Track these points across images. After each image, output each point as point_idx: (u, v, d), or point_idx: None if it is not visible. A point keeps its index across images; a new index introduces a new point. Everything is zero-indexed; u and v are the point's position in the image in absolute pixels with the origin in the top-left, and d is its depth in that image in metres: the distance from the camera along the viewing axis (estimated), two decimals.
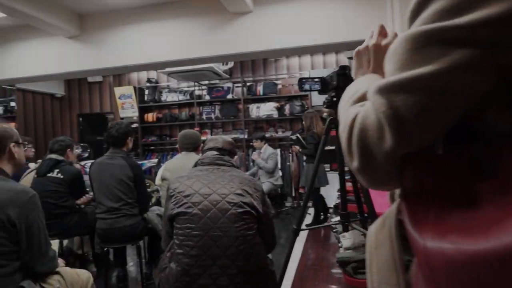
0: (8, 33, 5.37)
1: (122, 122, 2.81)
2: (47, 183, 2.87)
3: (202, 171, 1.71)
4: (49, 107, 7.64)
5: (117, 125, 2.76)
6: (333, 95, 1.56)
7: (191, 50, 4.68)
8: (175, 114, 7.03)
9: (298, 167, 6.33)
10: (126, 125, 2.82)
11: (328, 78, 1.61)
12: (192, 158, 2.67)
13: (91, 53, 5.00)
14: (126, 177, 2.67)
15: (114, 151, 2.77)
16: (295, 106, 6.28)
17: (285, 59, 6.79)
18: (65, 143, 3.09)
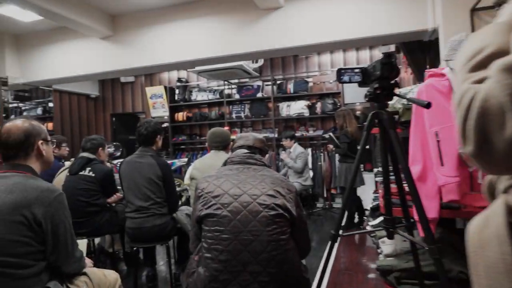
0: (44, 37, 5.54)
1: (151, 120, 2.78)
2: (79, 181, 2.89)
3: (231, 170, 1.61)
4: (84, 107, 7.87)
5: (146, 123, 2.73)
6: (376, 87, 1.41)
7: (221, 48, 4.62)
8: (205, 113, 7.03)
9: (330, 167, 6.13)
10: (155, 123, 2.78)
11: (370, 68, 1.46)
12: (222, 156, 2.58)
13: (123, 53, 5.06)
14: (155, 176, 2.63)
15: (144, 150, 2.74)
16: (327, 104, 6.09)
17: (316, 56, 6.61)
18: (97, 141, 3.11)
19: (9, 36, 5.61)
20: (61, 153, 3.99)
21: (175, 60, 4.84)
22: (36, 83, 5.80)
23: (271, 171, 1.63)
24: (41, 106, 7.34)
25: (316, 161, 6.19)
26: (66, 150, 4.06)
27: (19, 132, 1.50)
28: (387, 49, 6.06)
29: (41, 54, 5.58)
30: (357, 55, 6.36)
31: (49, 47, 5.52)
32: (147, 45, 4.93)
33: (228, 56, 4.67)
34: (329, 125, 6.55)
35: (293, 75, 6.73)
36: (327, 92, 6.22)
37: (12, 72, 5.65)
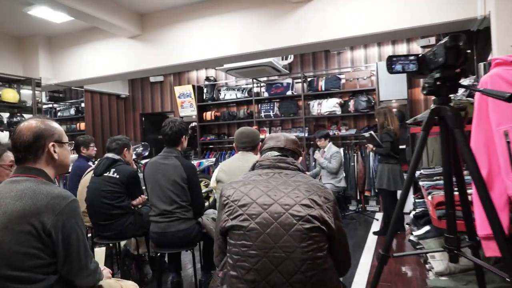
0: (75, 38, 5.59)
1: (176, 119, 2.64)
2: (103, 182, 2.80)
3: (260, 175, 1.42)
4: (115, 107, 7.96)
5: (171, 122, 2.59)
6: (438, 77, 1.15)
7: (250, 44, 4.45)
8: (233, 112, 6.89)
9: (364, 168, 5.81)
10: (180, 122, 2.64)
11: (429, 55, 1.21)
12: (250, 159, 2.40)
13: (151, 52, 5.00)
14: (180, 178, 2.49)
15: (168, 151, 2.61)
16: (361, 102, 5.77)
17: (349, 52, 6.29)
18: (122, 142, 3.02)
19: (42, 37, 5.72)
20: (89, 153, 3.96)
21: (203, 58, 4.72)
22: (68, 83, 5.88)
23: (306, 177, 1.43)
24: (74, 106, 7.48)
25: (349, 161, 5.89)
26: (94, 150, 4.03)
27: (29, 133, 1.38)
28: (426, 42, 5.67)
29: (72, 55, 5.64)
30: (393, 49, 5.99)
31: (80, 48, 5.56)
32: (175, 43, 4.84)
33: (257, 52, 4.49)
34: (362, 124, 6.23)
35: (324, 72, 6.45)
36: (361, 89, 5.90)
37: (45, 73, 5.75)
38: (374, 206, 5.86)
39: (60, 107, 7.64)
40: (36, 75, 5.68)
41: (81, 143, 3.92)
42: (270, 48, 4.36)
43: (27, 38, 5.74)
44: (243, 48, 4.48)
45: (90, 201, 2.84)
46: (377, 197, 5.81)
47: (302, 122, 6.36)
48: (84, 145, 3.93)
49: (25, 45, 5.77)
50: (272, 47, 4.34)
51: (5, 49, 5.56)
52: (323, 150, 5.06)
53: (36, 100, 5.75)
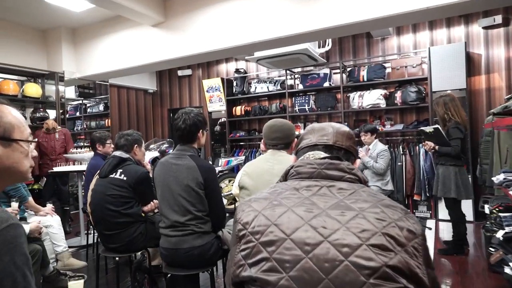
0: (96, 28, 5.30)
1: (191, 110, 2.15)
2: (109, 185, 2.38)
3: (298, 191, 0.88)
4: (142, 102, 7.69)
5: (184, 114, 2.10)
6: None
7: (282, 27, 3.91)
8: (264, 107, 6.37)
9: (413, 168, 5.10)
10: (196, 114, 2.14)
11: None
12: (283, 159, 1.87)
13: (176, 40, 4.59)
14: (195, 182, 2.00)
15: (182, 149, 2.12)
16: (409, 93, 5.05)
17: (395, 37, 5.57)
18: (132, 137, 2.58)
19: (65, 29, 5.48)
20: (105, 151, 3.59)
21: (231, 45, 4.24)
22: (91, 77, 5.61)
23: (373, 193, 0.87)
24: (103, 102, 7.28)
25: (395, 161, 5.19)
26: (111, 147, 3.66)
27: None
28: (490, 22, 4.85)
29: (95, 47, 5.36)
30: (448, 33, 5.20)
31: (102, 39, 5.26)
32: (201, 29, 4.39)
33: (290, 36, 3.95)
34: (410, 118, 5.50)
35: (366, 61, 5.77)
36: (410, 78, 5.17)
37: (68, 67, 5.51)
38: (425, 212, 5.13)
39: (90, 103, 7.48)
40: (60, 68, 5.46)
41: (97, 140, 3.56)
42: (304, 31, 3.80)
43: (50, 30, 5.52)
44: (274, 32, 3.95)
45: (93, 206, 2.43)
46: (428, 202, 5.08)
47: (341, 116, 5.73)
48: (100, 141, 3.56)
49: (49, 38, 5.56)
50: (307, 30, 3.78)
51: (29, 42, 5.37)
52: (368, 147, 4.42)
53: (60, 95, 5.53)
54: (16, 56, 5.12)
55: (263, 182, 1.81)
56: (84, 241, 4.26)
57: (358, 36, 5.78)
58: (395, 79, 5.30)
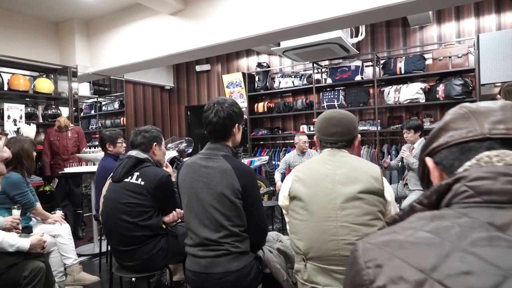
0: (111, 20, 4.94)
1: (225, 100, 1.72)
2: (123, 192, 1.98)
3: (502, 231, 0.43)
4: (158, 99, 7.34)
5: (217, 105, 1.68)
6: None
7: (311, 12, 3.46)
8: (289, 103, 5.92)
9: None
10: (231, 104, 1.71)
11: None
12: (347, 163, 1.43)
13: (196, 29, 4.18)
14: (231, 190, 1.58)
15: (213, 147, 1.70)
16: (454, 86, 4.53)
17: (435, 26, 5.05)
18: (150, 134, 2.18)
19: (79, 21, 5.14)
20: (117, 151, 3.22)
21: (257, 33, 3.81)
22: (105, 72, 5.27)
23: None
24: (118, 100, 6.96)
25: None
26: (122, 146, 3.29)
27: None
28: None
29: (109, 39, 5.01)
30: (497, 19, 4.66)
31: (117, 31, 4.91)
32: (224, 16, 3.97)
33: (320, 22, 3.48)
34: None
35: (402, 51, 5.26)
36: (454, 70, 4.64)
37: (82, 61, 5.18)
38: None
39: (105, 101, 7.18)
40: (73, 63, 5.13)
41: (107, 139, 3.18)
42: (335, 15, 3.33)
43: (63, 23, 5.20)
44: (302, 18, 3.50)
45: (105, 216, 2.04)
46: None
47: (374, 113, 5.24)
48: (110, 141, 3.19)
49: (61, 30, 5.24)
50: (339, 14, 3.31)
51: (41, 35, 5.06)
52: (412, 146, 3.93)
53: (74, 91, 5.21)
54: (27, 50, 4.82)
55: (323, 191, 1.38)
56: (97, 249, 3.91)
57: (393, 25, 5.28)
58: (437, 71, 4.78)
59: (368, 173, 1.38)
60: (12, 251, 1.90)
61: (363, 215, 1.32)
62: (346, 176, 1.38)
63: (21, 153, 2.59)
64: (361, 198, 1.34)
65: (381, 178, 1.38)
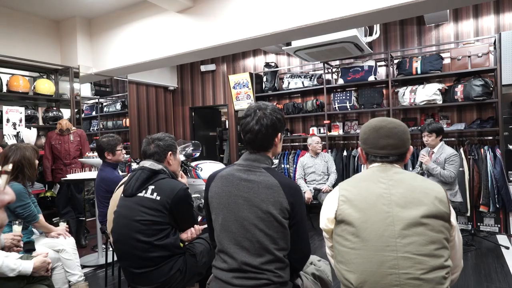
0: (115, 18, 4.73)
1: (266, 105, 1.47)
2: (137, 208, 1.78)
3: None
4: (162, 100, 7.13)
5: (259, 110, 1.44)
6: None
7: (327, 11, 3.25)
8: (298, 104, 5.71)
9: (479, 175, 4.37)
10: (274, 110, 1.48)
11: None
12: (404, 180, 1.23)
13: (205, 27, 3.98)
14: (278, 208, 1.37)
15: (253, 158, 1.48)
16: (474, 87, 4.33)
17: (451, 23, 4.85)
18: (164, 143, 1.97)
19: (81, 20, 4.93)
20: (116, 159, 3.02)
21: (268, 32, 3.60)
22: (109, 72, 5.05)
23: None
24: (120, 101, 6.76)
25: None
26: (122, 154, 3.08)
27: None
28: None
29: (113, 38, 4.80)
30: None
31: (121, 29, 4.70)
32: (235, 14, 3.77)
33: (335, 21, 3.28)
34: (470, 116, 4.77)
35: (416, 51, 5.06)
36: (474, 70, 4.44)
37: (84, 61, 4.97)
38: (492, 225, 4.39)
39: (106, 101, 6.97)
40: (74, 63, 4.92)
41: (105, 146, 2.96)
42: (352, 13, 3.13)
43: (64, 21, 4.99)
44: (318, 16, 3.30)
45: (117, 235, 1.83)
46: (497, 214, 4.35)
47: (389, 115, 5.04)
48: (108, 149, 2.97)
49: (63, 29, 5.03)
50: (356, 12, 3.11)
51: (41, 34, 4.85)
52: (431, 150, 3.73)
53: (75, 92, 5.00)
54: (27, 50, 4.61)
55: (378, 215, 1.18)
56: (102, 259, 3.70)
57: (407, 23, 5.08)
58: (456, 71, 4.57)
59: (432, 193, 1.18)
60: (13, 275, 1.70)
61: (428, 244, 1.13)
62: (405, 197, 1.18)
63: (22, 162, 2.39)
64: (424, 223, 1.14)
65: (446, 200, 1.19)
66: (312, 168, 4.48)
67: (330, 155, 4.64)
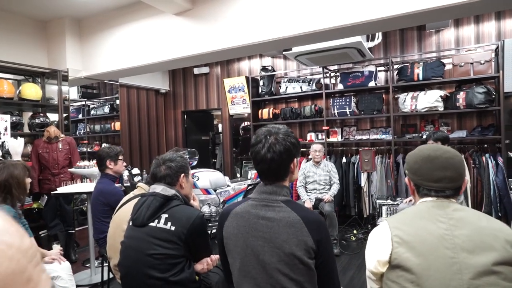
0: (108, 19, 4.49)
1: (278, 129, 1.32)
2: (150, 240, 1.59)
3: None
4: (153, 104, 6.89)
5: (270, 136, 1.28)
6: None
7: (330, 18, 3.12)
8: (296, 109, 5.58)
9: (480, 183, 4.33)
10: (287, 133, 1.32)
11: None
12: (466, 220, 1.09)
13: (204, 31, 3.79)
14: (303, 249, 1.22)
15: (270, 190, 1.32)
16: (476, 94, 4.28)
17: (452, 29, 4.80)
18: (176, 164, 1.79)
19: (70, 20, 4.66)
20: (117, 169, 2.85)
21: (270, 38, 3.45)
22: (99, 76, 4.80)
23: None
24: (108, 103, 6.50)
25: None
26: (123, 165, 2.90)
27: None
28: None
29: (105, 41, 4.55)
30: None
31: (114, 31, 4.46)
32: (237, 18, 3.59)
33: (337, 28, 3.15)
34: (470, 123, 4.74)
35: (417, 56, 4.99)
36: (477, 77, 4.39)
37: (73, 64, 4.70)
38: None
39: (94, 104, 6.69)
40: (63, 66, 4.65)
41: (106, 156, 2.80)
42: (355, 21, 3.03)
43: (52, 21, 4.71)
44: (320, 23, 3.17)
45: (125, 270, 1.64)
46: None
47: (389, 121, 4.96)
48: (110, 157, 2.81)
49: (51, 30, 4.74)
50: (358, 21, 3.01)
51: (27, 35, 4.55)
52: None
53: (64, 96, 4.73)
54: (12, 52, 4.32)
55: (442, 261, 1.04)
56: (95, 277, 3.48)
57: (408, 28, 5.01)
58: (458, 78, 4.52)
59: (502, 236, 1.05)
60: None
61: None
62: (471, 240, 1.05)
63: (10, 181, 2.17)
64: (497, 272, 1.01)
65: None
66: (313, 177, 4.35)
67: (333, 165, 4.52)
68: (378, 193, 4.80)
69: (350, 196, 5.03)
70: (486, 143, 4.51)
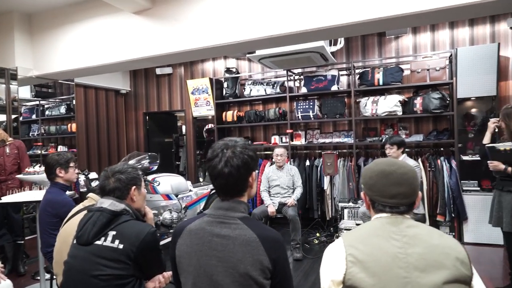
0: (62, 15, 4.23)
1: (235, 142, 1.27)
2: (95, 260, 1.47)
3: None
4: (113, 105, 6.62)
5: (227, 149, 1.23)
6: None
7: (294, 22, 3.12)
8: (260, 112, 5.55)
9: (436, 185, 4.51)
10: (244, 147, 1.26)
11: None
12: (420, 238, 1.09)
13: (164, 31, 3.66)
14: (259, 268, 1.17)
15: (227, 207, 1.26)
16: (432, 100, 4.44)
17: (410, 36, 4.96)
18: (127, 176, 1.68)
19: (19, 15, 4.35)
20: (68, 178, 2.66)
21: (233, 40, 3.39)
22: (52, 75, 4.52)
23: None
24: (65, 103, 6.15)
25: None
26: (75, 173, 2.72)
27: None
28: None
29: (58, 38, 4.29)
30: (471, 32, 4.65)
31: (68, 28, 4.21)
32: (198, 19, 3.50)
33: (301, 33, 3.16)
34: (426, 127, 4.92)
35: (377, 62, 5.12)
36: (433, 83, 4.56)
37: (23, 62, 4.39)
38: (447, 234, 4.54)
39: (48, 104, 6.31)
40: (11, 64, 4.34)
41: (55, 163, 2.60)
42: (318, 27, 3.05)
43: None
44: (284, 27, 3.16)
45: None
46: (452, 223, 4.50)
47: (351, 125, 5.04)
48: (60, 165, 2.61)
49: None
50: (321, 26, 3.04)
51: None
52: None
53: (13, 96, 4.42)
54: None
55: (396, 281, 1.02)
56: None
57: (369, 34, 5.12)
58: (415, 83, 4.68)
59: (453, 254, 1.05)
60: None
61: None
62: (424, 258, 1.04)
63: None
64: None
65: (468, 261, 1.06)
66: (276, 181, 4.33)
67: (297, 168, 4.53)
68: (340, 196, 4.87)
69: (313, 199, 5.06)
70: (441, 147, 4.69)
